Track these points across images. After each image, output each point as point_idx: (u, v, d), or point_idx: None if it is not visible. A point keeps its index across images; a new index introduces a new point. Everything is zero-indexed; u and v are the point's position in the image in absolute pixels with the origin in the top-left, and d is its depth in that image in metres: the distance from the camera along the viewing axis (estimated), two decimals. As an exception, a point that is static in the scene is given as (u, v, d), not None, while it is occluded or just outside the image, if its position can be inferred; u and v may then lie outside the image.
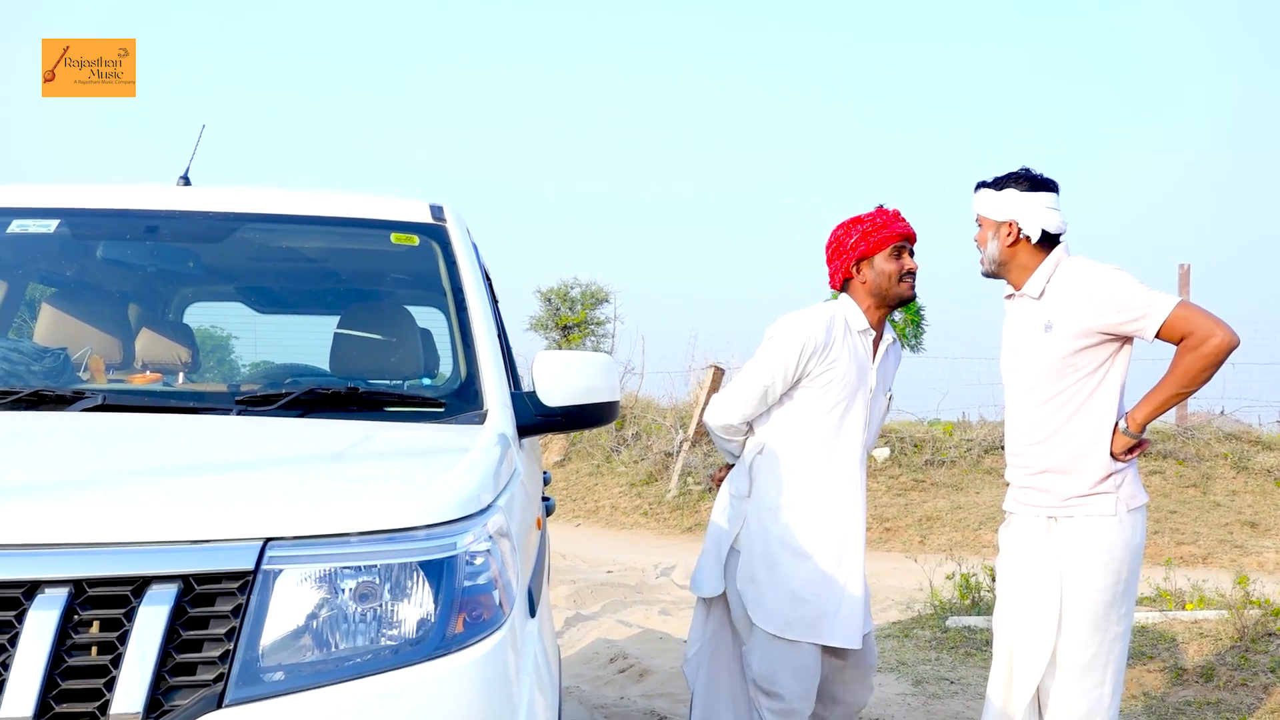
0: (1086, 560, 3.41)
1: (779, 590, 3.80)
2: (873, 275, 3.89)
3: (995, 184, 3.59)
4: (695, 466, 13.65)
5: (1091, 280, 3.41)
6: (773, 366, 3.83)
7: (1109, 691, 3.44)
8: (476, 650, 1.88)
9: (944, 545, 10.99)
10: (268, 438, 2.41)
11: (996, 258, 3.59)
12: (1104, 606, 3.41)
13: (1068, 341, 3.42)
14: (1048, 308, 3.48)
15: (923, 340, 20.34)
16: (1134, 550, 3.44)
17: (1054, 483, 3.48)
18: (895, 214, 3.93)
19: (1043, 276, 3.51)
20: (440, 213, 3.31)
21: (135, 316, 3.51)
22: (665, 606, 8.24)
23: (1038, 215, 3.50)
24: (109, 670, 1.68)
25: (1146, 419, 3.39)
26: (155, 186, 3.36)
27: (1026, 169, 3.57)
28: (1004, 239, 3.56)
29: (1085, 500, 3.44)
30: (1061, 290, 3.46)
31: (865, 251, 3.87)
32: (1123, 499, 3.44)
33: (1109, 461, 3.43)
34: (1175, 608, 7.00)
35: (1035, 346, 3.51)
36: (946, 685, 5.98)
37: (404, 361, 3.20)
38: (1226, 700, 5.45)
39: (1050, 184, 3.55)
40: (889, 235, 3.87)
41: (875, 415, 3.99)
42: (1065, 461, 3.46)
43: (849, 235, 3.91)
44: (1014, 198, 3.53)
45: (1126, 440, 3.41)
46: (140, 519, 1.77)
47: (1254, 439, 13.08)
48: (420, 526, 1.88)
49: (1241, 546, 10.54)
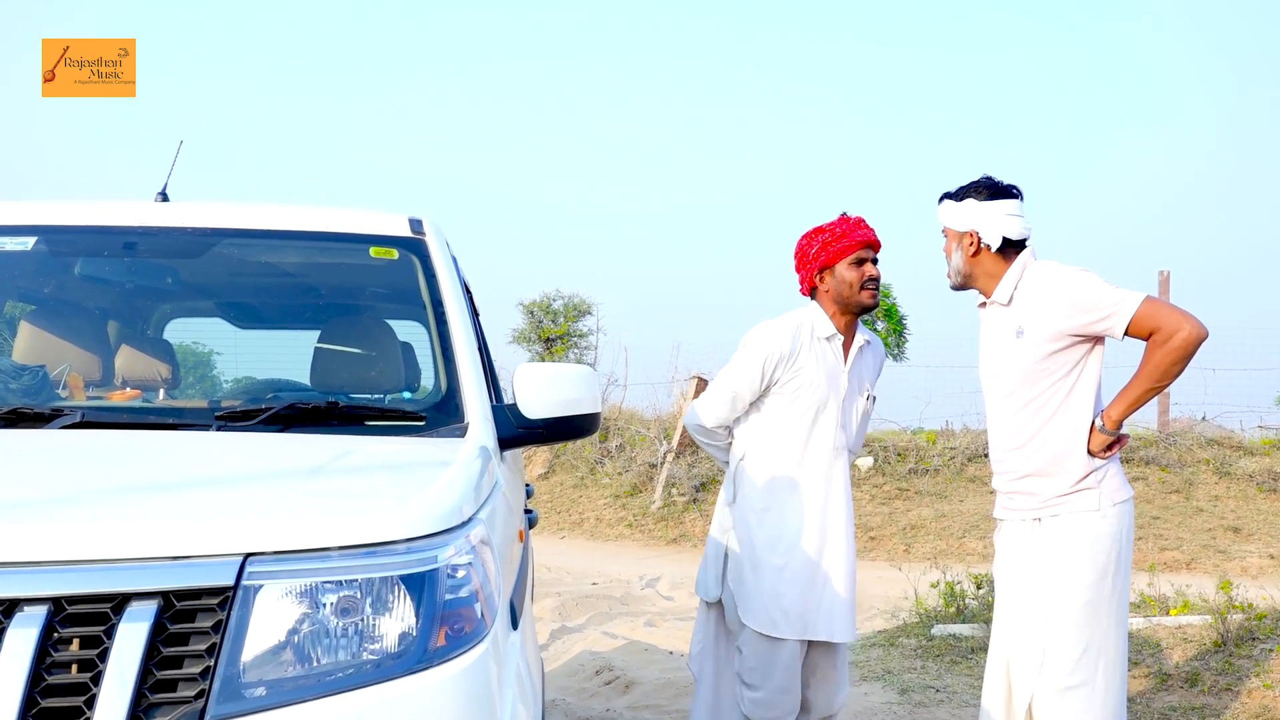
0: (1071, 555, 3.42)
1: (763, 590, 3.92)
2: (835, 284, 3.97)
3: (957, 195, 3.62)
4: (679, 478, 13.64)
5: (1058, 283, 3.43)
6: (740, 374, 3.96)
7: (1102, 687, 3.40)
8: (459, 663, 1.87)
9: (928, 553, 11.01)
10: (248, 453, 2.40)
11: (961, 269, 3.62)
12: (1092, 601, 3.40)
13: (1040, 346, 3.44)
14: (1018, 313, 3.50)
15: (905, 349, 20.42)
16: (1120, 543, 3.44)
17: (1037, 485, 3.49)
18: (858, 222, 3.99)
19: (1010, 283, 3.53)
20: (419, 226, 3.32)
21: (115, 333, 3.50)
22: (651, 618, 8.22)
23: (997, 223, 3.53)
24: (89, 688, 1.67)
25: (1122, 415, 3.41)
26: (133, 202, 3.35)
27: (988, 178, 3.60)
28: (966, 249, 3.58)
29: (1068, 498, 3.45)
30: (1030, 295, 3.48)
31: (827, 261, 3.96)
32: (1106, 494, 3.45)
33: (1089, 460, 3.45)
34: (1159, 613, 7.02)
35: (1009, 353, 3.53)
36: (932, 694, 5.99)
37: (384, 375, 3.19)
38: (1211, 705, 5.46)
39: (1011, 191, 3.57)
40: (849, 244, 3.94)
41: (852, 417, 4.06)
42: (1046, 464, 3.47)
43: (811, 245, 4.00)
44: (974, 208, 3.56)
45: (1104, 438, 3.43)
46: (119, 536, 1.76)
47: (1236, 444, 13.14)
48: (401, 540, 1.88)
49: (1225, 551, 10.59)
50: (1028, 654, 3.48)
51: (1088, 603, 3.41)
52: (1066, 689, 3.41)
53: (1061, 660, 3.42)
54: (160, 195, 3.51)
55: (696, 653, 4.20)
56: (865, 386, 4.09)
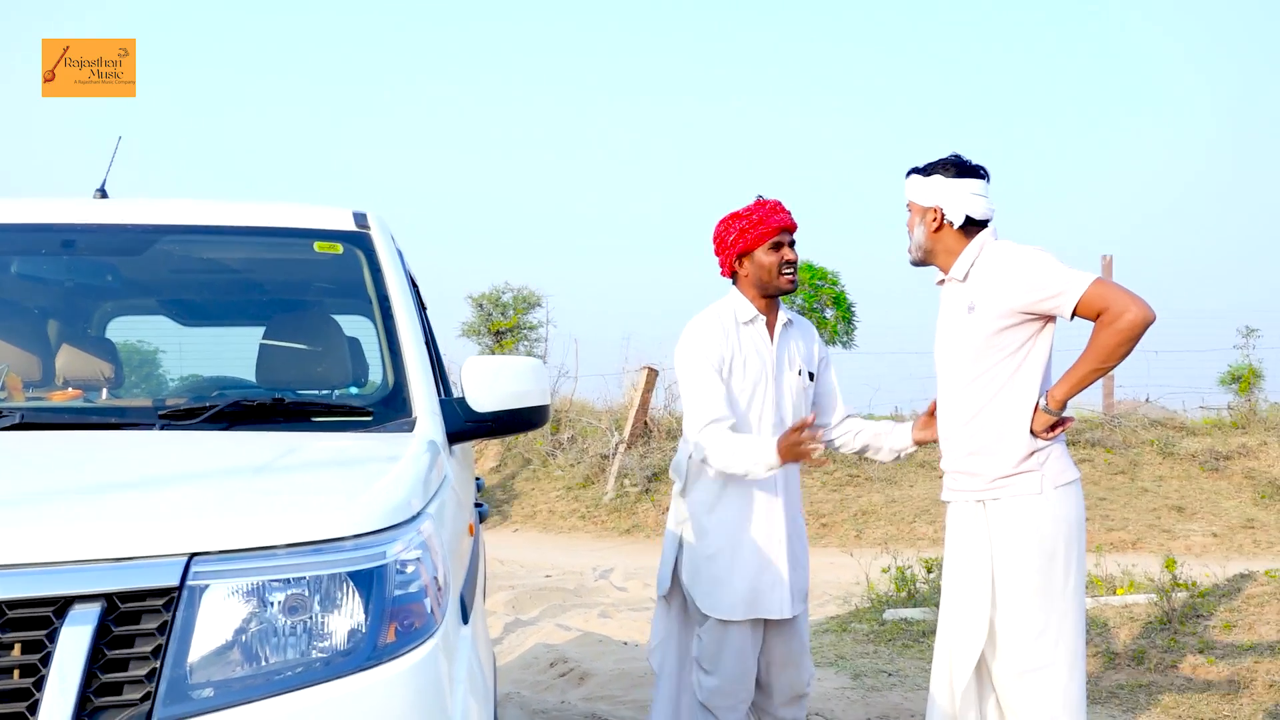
0: (1016, 540, 3.44)
1: (715, 577, 3.95)
2: (754, 269, 4.01)
3: (924, 170, 3.64)
4: (631, 468, 13.66)
5: (1011, 261, 3.46)
6: (704, 390, 3.92)
7: (1065, 669, 3.40)
8: (409, 659, 1.86)
9: (879, 539, 11.10)
10: (191, 452, 2.38)
11: (922, 244, 3.64)
12: (1042, 584, 3.40)
13: (990, 322, 3.46)
14: (971, 289, 3.53)
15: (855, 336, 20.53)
16: (1068, 525, 3.44)
17: (980, 465, 3.51)
18: (775, 205, 4.03)
19: (967, 260, 3.55)
20: (364, 220, 3.29)
21: (55, 333, 3.44)
22: (605, 609, 8.24)
23: (962, 201, 3.55)
24: (32, 693, 1.65)
25: (1065, 396, 3.42)
26: (71, 200, 3.30)
27: (956, 155, 3.62)
28: (929, 224, 3.60)
29: (1010, 480, 3.47)
30: (985, 272, 3.50)
31: (745, 247, 3.99)
32: (1048, 476, 3.46)
33: (1031, 440, 3.46)
34: (1106, 593, 7.12)
35: (960, 328, 3.55)
36: (885, 678, 6.04)
37: (331, 371, 3.16)
38: (1157, 682, 5.55)
39: (978, 170, 3.59)
40: (766, 230, 3.97)
41: (788, 394, 4.07)
42: (989, 441, 3.49)
43: (729, 232, 4.03)
44: (940, 184, 3.58)
45: (1047, 418, 3.44)
46: (60, 538, 1.73)
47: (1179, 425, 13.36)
48: (348, 536, 1.87)
49: (1169, 531, 10.76)
50: (969, 636, 3.51)
51: (1038, 586, 3.42)
52: (1025, 672, 3.43)
53: (1017, 645, 3.44)
54: (99, 192, 3.46)
55: (656, 645, 4.21)
56: (798, 363, 4.10)
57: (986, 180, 3.61)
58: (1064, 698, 3.42)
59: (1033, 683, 3.42)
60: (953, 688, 3.56)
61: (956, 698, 3.54)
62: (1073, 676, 3.44)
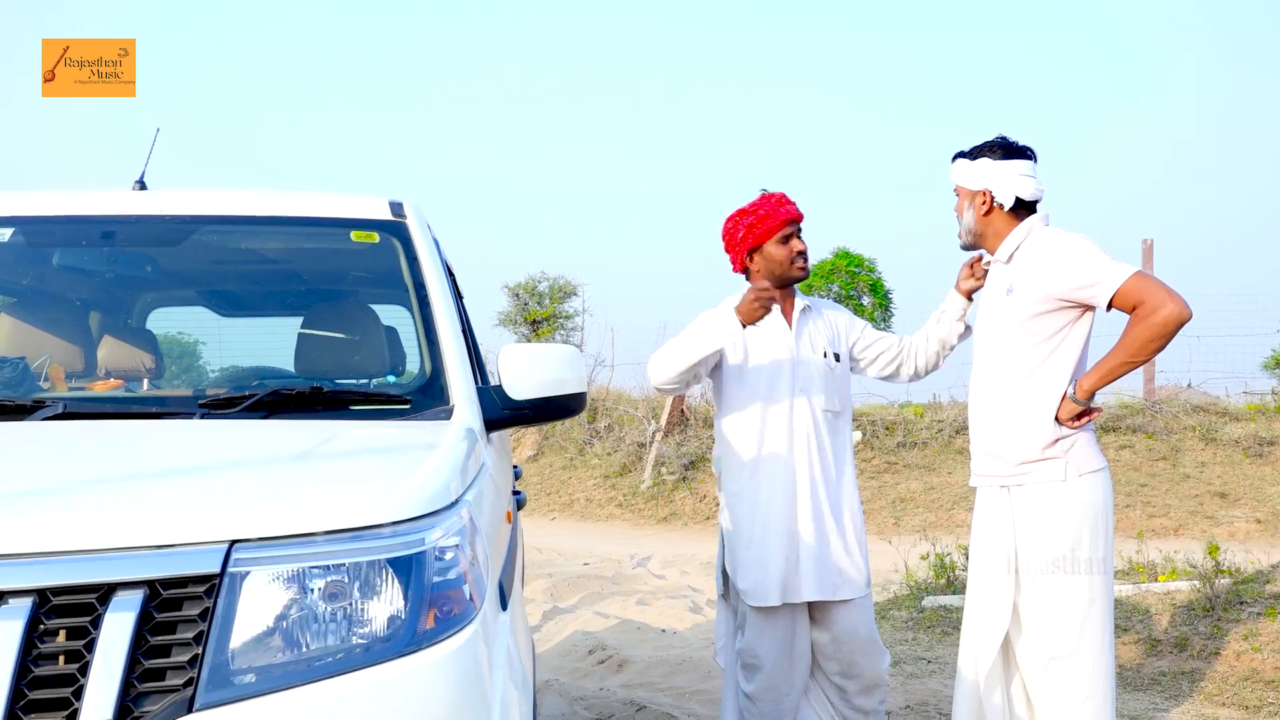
0: (1038, 527, 3.42)
1: (751, 564, 3.97)
2: (765, 263, 4.05)
3: (970, 153, 3.62)
4: (668, 457, 13.66)
5: (1054, 247, 3.43)
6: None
7: (1090, 657, 3.39)
8: (448, 646, 1.87)
9: (918, 526, 11.05)
10: (232, 440, 2.39)
11: (972, 227, 3.62)
12: (1066, 572, 3.40)
13: (1026, 305, 3.44)
14: (1012, 272, 3.51)
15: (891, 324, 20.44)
16: (1092, 514, 3.42)
17: (1005, 448, 3.49)
18: (780, 199, 4.04)
19: (1013, 242, 3.53)
20: (400, 209, 3.30)
21: (96, 324, 3.47)
22: (642, 597, 8.24)
23: (1011, 183, 3.53)
24: (77, 679, 1.66)
25: (1094, 386, 3.39)
26: (111, 191, 3.33)
27: (1002, 137, 3.59)
28: (979, 208, 3.58)
29: (1034, 466, 3.45)
30: (1028, 256, 3.48)
31: (754, 242, 4.03)
32: (1073, 463, 3.43)
33: (1056, 427, 3.44)
34: (1148, 580, 7.05)
35: (998, 310, 3.54)
36: (924, 664, 6.02)
37: (368, 359, 3.18)
38: (1199, 669, 5.50)
39: (1025, 151, 3.56)
40: (774, 224, 4.00)
41: (815, 378, 4.06)
42: (1015, 425, 3.47)
43: (737, 229, 4.06)
44: (988, 166, 3.56)
45: (1073, 407, 3.41)
46: (103, 525, 1.75)
47: (1221, 410, 13.19)
48: (387, 524, 1.87)
49: (1212, 517, 10.64)
50: (992, 620, 3.50)
51: (1062, 573, 3.40)
52: (1051, 659, 3.42)
53: (1041, 631, 3.43)
54: (138, 184, 3.49)
55: (721, 645, 4.24)
56: (820, 346, 4.08)
57: (1034, 160, 3.58)
58: (1089, 684, 3.41)
59: (1059, 670, 3.41)
60: (978, 669, 3.56)
61: (982, 679, 3.53)
62: (1098, 664, 3.42)
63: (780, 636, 3.96)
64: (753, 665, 3.98)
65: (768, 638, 3.95)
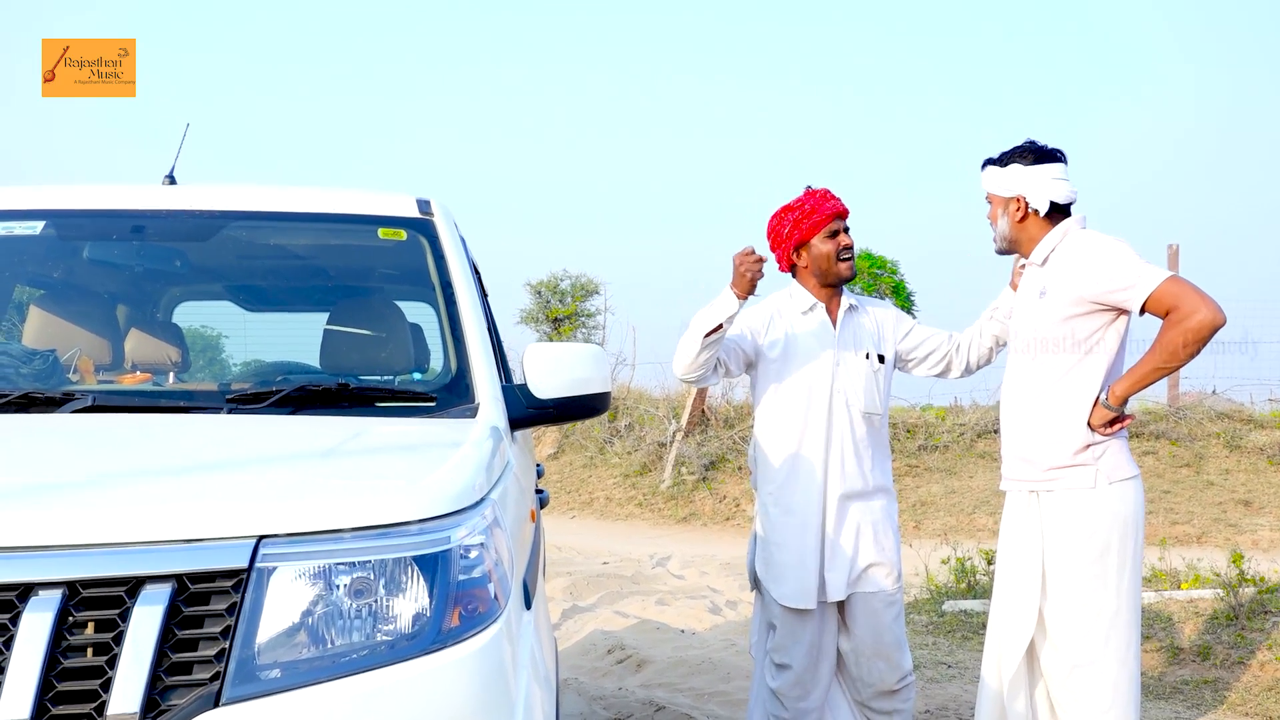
0: (1067, 534, 3.40)
1: (783, 565, 3.98)
2: (812, 259, 4.02)
3: (1000, 160, 3.59)
4: (689, 456, 13.65)
5: (1089, 250, 3.40)
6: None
7: (1114, 665, 3.36)
8: (472, 644, 1.87)
9: (939, 530, 11.02)
10: (259, 436, 2.40)
11: (1007, 234, 3.59)
12: (1093, 579, 3.37)
13: (1059, 308, 3.41)
14: (1046, 275, 3.49)
15: (914, 326, 20.35)
16: (1122, 522, 3.39)
17: (1036, 452, 3.47)
18: (824, 194, 4.02)
19: (1048, 245, 3.50)
20: (427, 207, 3.31)
21: (124, 317, 3.49)
22: (662, 596, 8.24)
23: (1044, 187, 3.49)
24: (105, 671, 1.67)
25: (1126, 392, 3.36)
26: (140, 186, 3.35)
27: (1031, 141, 3.56)
28: (1013, 215, 3.55)
29: (1064, 472, 3.42)
30: (1062, 259, 3.45)
31: (801, 238, 4.00)
32: (1104, 471, 3.40)
33: (1088, 433, 3.41)
34: (1171, 587, 7.01)
35: (1032, 312, 3.52)
36: (944, 669, 6.00)
37: (394, 356, 3.18)
38: (1223, 678, 5.47)
39: (1056, 154, 3.53)
40: (820, 218, 3.97)
41: (857, 381, 4.02)
42: (1046, 429, 3.45)
43: (783, 225, 4.04)
44: (1019, 173, 3.53)
45: (1105, 413, 3.38)
46: (132, 519, 1.76)
47: (1246, 418, 13.12)
48: (413, 521, 1.88)
49: (1235, 525, 10.58)
50: (1018, 626, 3.48)
51: (1089, 581, 3.38)
52: (1075, 666, 3.40)
53: (1067, 638, 3.41)
54: (168, 178, 3.51)
55: (755, 640, 4.25)
56: (865, 346, 4.06)
57: (1064, 163, 3.55)
58: (1114, 694, 3.38)
59: (1083, 678, 3.39)
60: (1001, 675, 3.54)
61: (1005, 685, 3.52)
62: (1123, 673, 3.39)
63: (810, 638, 3.96)
64: (783, 664, 3.98)
65: (798, 638, 3.96)
